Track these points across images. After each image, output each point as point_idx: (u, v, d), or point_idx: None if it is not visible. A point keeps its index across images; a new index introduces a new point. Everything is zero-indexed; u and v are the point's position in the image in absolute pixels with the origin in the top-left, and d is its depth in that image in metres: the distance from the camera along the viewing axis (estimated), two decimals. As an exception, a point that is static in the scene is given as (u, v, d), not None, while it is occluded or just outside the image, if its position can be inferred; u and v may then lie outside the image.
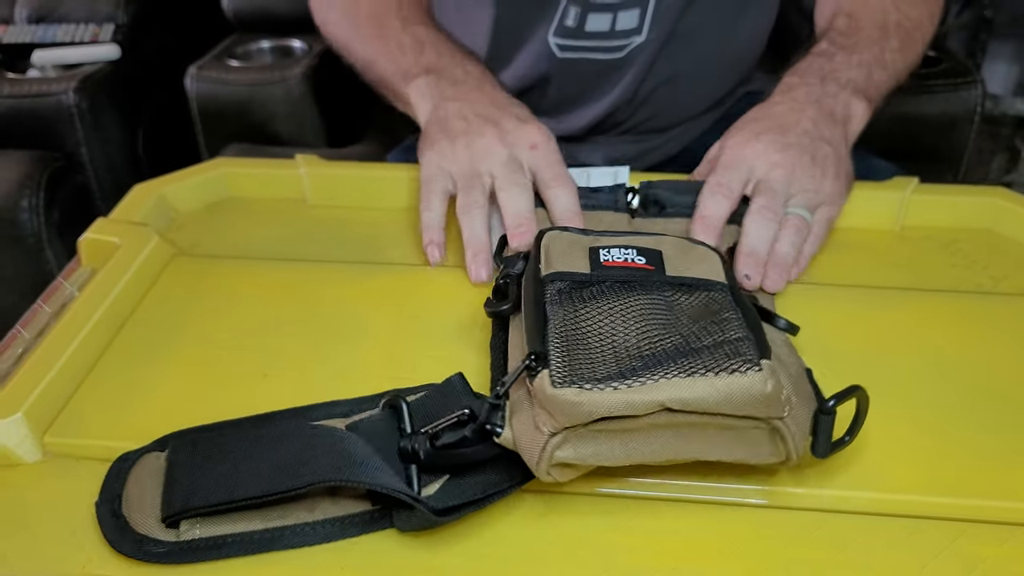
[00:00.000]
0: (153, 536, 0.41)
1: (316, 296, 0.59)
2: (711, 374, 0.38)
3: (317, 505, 0.42)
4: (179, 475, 0.43)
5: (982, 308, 0.59)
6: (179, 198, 0.71)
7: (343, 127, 1.47)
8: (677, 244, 0.51)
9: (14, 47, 1.49)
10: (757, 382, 0.38)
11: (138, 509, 0.42)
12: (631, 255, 0.49)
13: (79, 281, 0.61)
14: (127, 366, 0.53)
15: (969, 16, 1.84)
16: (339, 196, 0.71)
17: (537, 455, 0.40)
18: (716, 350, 0.40)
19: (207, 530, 0.41)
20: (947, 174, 1.37)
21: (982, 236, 0.67)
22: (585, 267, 0.48)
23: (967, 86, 1.32)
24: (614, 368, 0.40)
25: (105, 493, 0.43)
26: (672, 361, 0.39)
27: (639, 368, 0.39)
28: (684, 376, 0.38)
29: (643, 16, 0.79)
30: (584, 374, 0.39)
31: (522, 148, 0.62)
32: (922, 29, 0.74)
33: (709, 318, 0.43)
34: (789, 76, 0.67)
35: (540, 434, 0.40)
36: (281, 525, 0.42)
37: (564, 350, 0.41)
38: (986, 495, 0.44)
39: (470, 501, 0.41)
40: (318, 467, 0.41)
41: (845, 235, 0.67)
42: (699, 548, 0.42)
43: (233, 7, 1.55)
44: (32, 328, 0.56)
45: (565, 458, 0.40)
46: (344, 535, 0.42)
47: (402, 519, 0.42)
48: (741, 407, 0.38)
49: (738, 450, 0.41)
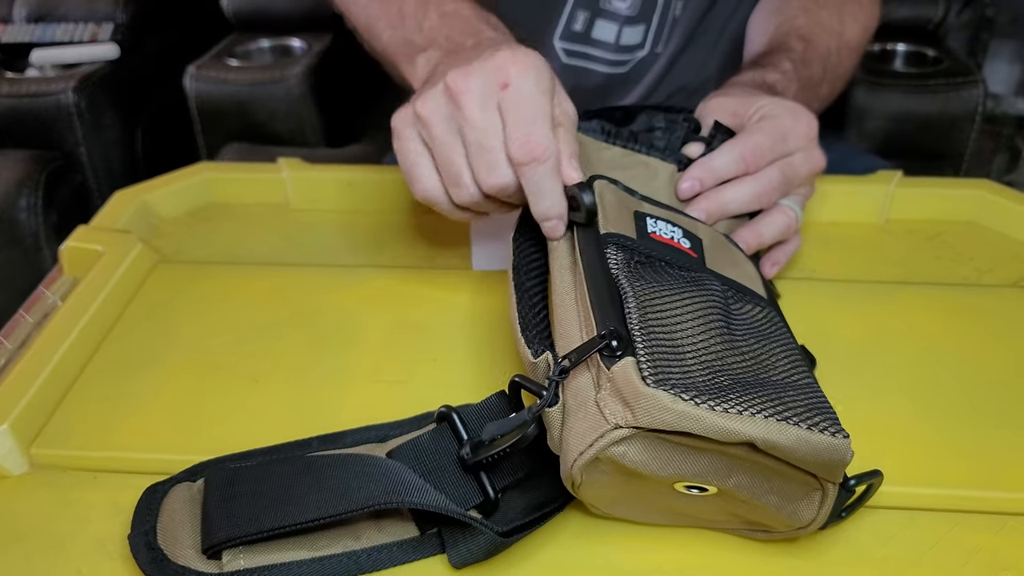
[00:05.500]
0: (194, 568, 0.40)
1: (303, 300, 0.59)
2: (803, 426, 0.36)
3: (363, 533, 0.42)
4: (218, 505, 0.41)
5: (968, 300, 0.59)
6: (162, 204, 0.71)
7: (342, 127, 1.47)
8: (712, 236, 0.50)
9: (13, 46, 1.49)
10: (845, 451, 0.36)
11: (174, 541, 0.41)
12: (677, 235, 0.47)
13: (61, 290, 0.61)
14: (113, 375, 0.53)
15: (970, 15, 1.83)
16: (322, 200, 0.71)
17: (591, 441, 0.36)
18: (799, 397, 0.38)
19: (251, 560, 0.40)
20: (948, 173, 1.36)
21: (967, 228, 0.68)
22: (631, 231, 0.45)
23: (968, 85, 1.32)
24: (699, 378, 0.37)
25: (138, 525, 0.42)
26: (756, 391, 0.37)
27: (727, 388, 0.37)
28: (777, 419, 0.36)
29: (647, 32, 0.80)
30: (673, 378, 0.36)
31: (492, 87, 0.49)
32: (853, 57, 0.76)
33: (768, 343, 0.42)
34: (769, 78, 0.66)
35: (602, 421, 0.36)
36: (329, 554, 0.40)
37: (649, 340, 0.38)
38: (979, 485, 0.45)
39: (530, 521, 0.41)
40: (373, 492, 0.39)
41: (830, 229, 0.67)
42: (698, 538, 0.42)
43: (232, 7, 1.55)
44: (15, 338, 0.56)
45: (618, 455, 0.37)
46: (392, 562, 0.41)
47: (458, 552, 0.40)
48: (820, 466, 0.37)
49: (773, 496, 0.39)
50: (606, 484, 0.39)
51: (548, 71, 0.50)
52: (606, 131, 0.57)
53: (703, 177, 0.55)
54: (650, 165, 0.57)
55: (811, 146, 0.58)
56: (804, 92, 0.68)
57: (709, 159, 0.56)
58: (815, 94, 0.70)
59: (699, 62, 0.84)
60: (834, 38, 0.73)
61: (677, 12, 0.79)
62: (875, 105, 1.32)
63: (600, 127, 0.57)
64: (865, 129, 1.34)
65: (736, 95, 0.61)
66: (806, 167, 0.58)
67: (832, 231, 0.67)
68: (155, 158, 1.55)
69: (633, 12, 0.78)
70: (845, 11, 0.76)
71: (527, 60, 0.48)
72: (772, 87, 0.65)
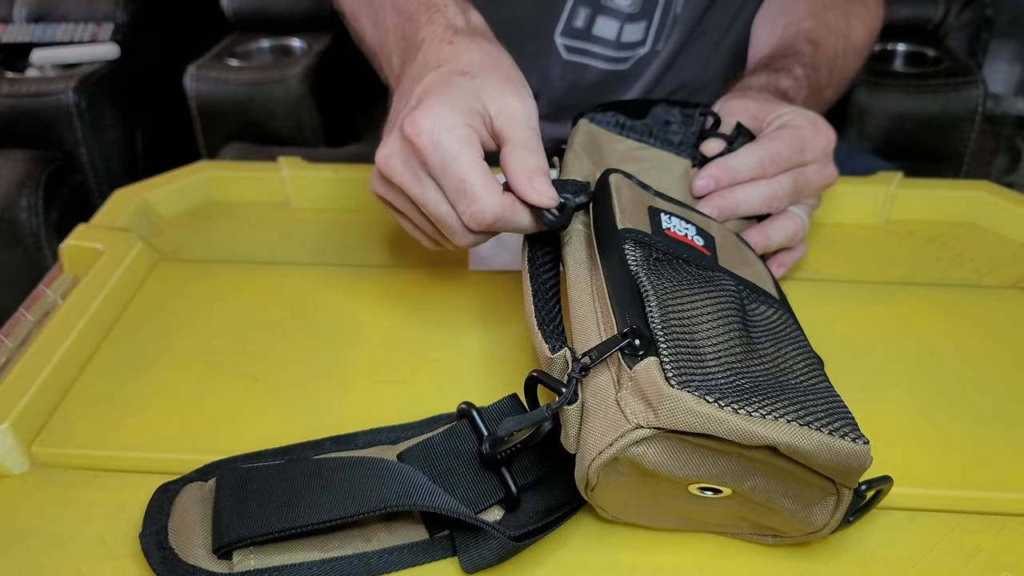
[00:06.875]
0: (205, 567, 0.40)
1: (304, 299, 0.59)
2: (824, 431, 0.36)
3: (374, 535, 0.42)
4: (229, 505, 0.41)
5: (968, 301, 0.59)
6: (162, 203, 0.71)
7: (342, 126, 1.47)
8: (724, 234, 0.50)
9: (13, 46, 1.49)
10: (865, 457, 0.36)
11: (185, 540, 0.41)
12: (691, 232, 0.47)
13: (61, 288, 0.61)
14: (114, 373, 0.53)
15: (970, 15, 1.83)
16: (323, 198, 0.72)
17: (611, 440, 0.36)
18: (818, 401, 0.38)
19: (262, 560, 0.40)
20: (948, 174, 1.36)
21: (967, 230, 0.68)
22: (647, 227, 0.45)
23: (968, 85, 1.32)
24: (721, 380, 0.37)
25: (149, 524, 0.42)
26: (777, 395, 0.37)
27: (748, 390, 0.36)
28: (800, 424, 0.35)
29: (648, 29, 0.80)
30: (696, 379, 0.36)
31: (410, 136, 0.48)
32: (858, 59, 0.76)
33: (783, 346, 0.42)
34: (782, 84, 0.66)
35: (623, 421, 0.36)
36: (340, 555, 0.40)
37: (671, 340, 0.38)
38: (980, 486, 0.45)
39: (543, 525, 0.40)
40: (385, 494, 0.39)
41: (831, 230, 0.67)
42: (705, 541, 0.42)
43: (233, 6, 1.55)
44: (15, 337, 0.56)
45: (637, 455, 0.36)
46: (403, 565, 0.41)
47: (470, 556, 0.40)
48: (839, 472, 0.37)
49: (788, 500, 0.38)
50: (621, 485, 0.39)
51: (460, 102, 0.47)
52: (620, 124, 0.58)
53: (719, 176, 0.56)
54: (664, 159, 0.57)
55: (826, 160, 0.59)
56: (812, 97, 0.68)
57: (728, 159, 0.56)
58: (821, 98, 0.71)
59: (700, 60, 0.84)
60: (841, 40, 0.73)
61: (678, 10, 0.79)
62: (875, 105, 1.32)
63: (615, 120, 0.58)
64: (865, 129, 1.34)
65: (756, 99, 0.61)
66: (818, 179, 0.58)
67: (833, 232, 0.67)
68: (155, 158, 1.54)
69: (634, 9, 0.78)
70: (852, 12, 0.76)
71: (428, 120, 0.46)
72: (785, 93, 0.65)
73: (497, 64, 0.50)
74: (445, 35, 0.52)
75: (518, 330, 0.56)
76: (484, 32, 0.54)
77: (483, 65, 0.49)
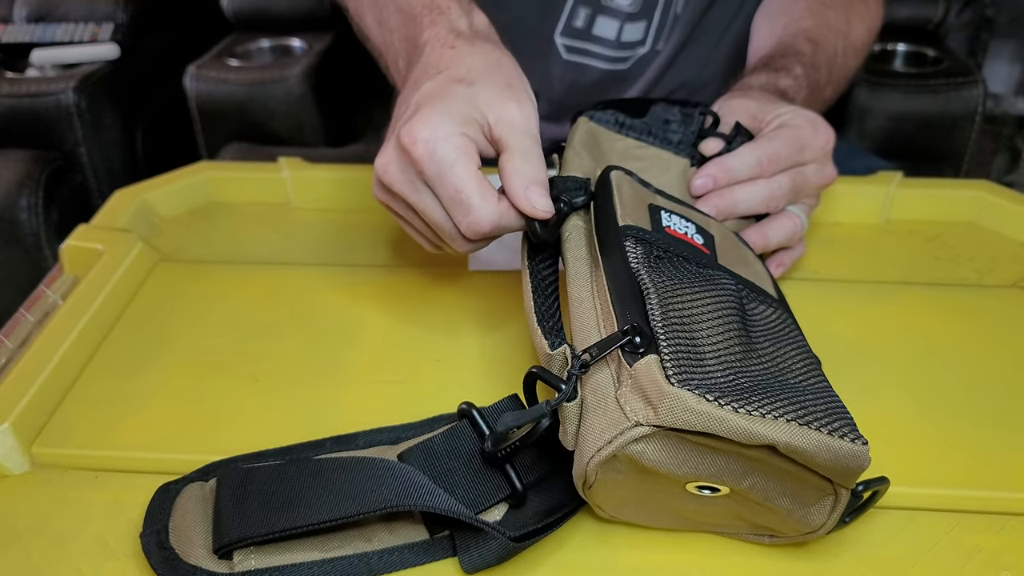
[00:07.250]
0: (205, 567, 0.40)
1: (304, 299, 0.59)
2: (824, 431, 0.36)
3: (374, 535, 0.42)
4: (230, 505, 0.41)
5: (968, 300, 0.59)
6: (162, 203, 0.71)
7: (342, 126, 1.47)
8: (723, 233, 0.50)
9: (13, 46, 1.49)
10: (864, 457, 0.36)
11: (186, 540, 0.41)
12: (691, 230, 0.47)
13: (62, 289, 0.61)
14: (114, 374, 0.53)
15: (970, 15, 1.83)
16: (323, 198, 0.72)
17: (610, 438, 0.36)
18: (817, 401, 0.38)
19: (263, 560, 0.40)
20: (948, 174, 1.36)
21: (967, 229, 0.68)
22: (647, 224, 0.45)
23: (968, 85, 1.32)
24: (721, 379, 0.37)
25: (150, 524, 0.42)
26: (777, 394, 0.37)
27: (747, 389, 0.36)
28: (799, 424, 0.35)
29: (648, 28, 0.80)
30: (696, 378, 0.36)
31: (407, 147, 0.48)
32: (857, 59, 0.76)
33: (782, 345, 0.42)
34: (782, 84, 0.67)
35: (622, 418, 0.36)
36: (340, 555, 0.40)
37: (671, 338, 0.38)
38: (980, 485, 0.45)
39: (543, 526, 0.40)
40: (385, 494, 0.39)
41: (831, 230, 0.67)
42: (702, 540, 0.42)
43: (233, 6, 1.55)
44: (15, 337, 0.56)
45: (636, 453, 0.36)
46: (403, 565, 0.41)
47: (470, 557, 0.40)
48: (838, 472, 0.37)
49: (786, 499, 0.39)
50: (619, 483, 0.39)
51: (456, 110, 0.47)
52: (620, 122, 0.58)
53: (718, 175, 0.56)
54: (663, 158, 0.57)
55: (825, 159, 0.59)
56: (812, 96, 0.68)
57: (726, 158, 0.56)
58: (820, 97, 0.71)
59: (700, 60, 0.84)
60: (840, 40, 0.73)
61: (678, 9, 0.79)
62: (875, 105, 1.33)
63: (614, 118, 0.58)
64: (865, 129, 1.34)
65: (755, 99, 0.61)
66: (817, 179, 0.58)
67: (832, 232, 0.67)
68: (155, 158, 1.55)
69: (634, 9, 0.78)
70: (852, 11, 0.76)
71: (423, 129, 0.46)
72: (784, 92, 0.65)
73: (497, 69, 0.50)
74: (447, 39, 0.52)
75: (518, 330, 0.56)
76: (488, 35, 0.54)
77: (483, 71, 0.49)
